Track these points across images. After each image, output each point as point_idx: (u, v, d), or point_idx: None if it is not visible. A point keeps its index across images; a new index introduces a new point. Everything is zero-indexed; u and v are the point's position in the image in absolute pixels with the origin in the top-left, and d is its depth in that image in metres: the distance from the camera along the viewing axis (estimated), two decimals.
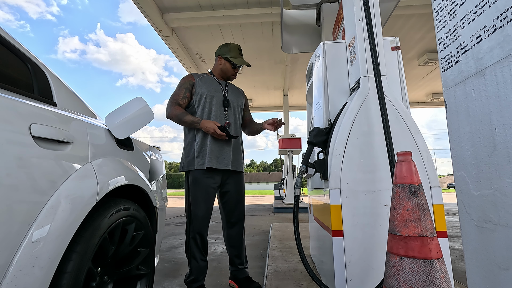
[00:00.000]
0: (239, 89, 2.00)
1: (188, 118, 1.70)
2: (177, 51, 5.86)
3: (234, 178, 1.84)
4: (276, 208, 7.38)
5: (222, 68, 1.86)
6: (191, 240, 1.72)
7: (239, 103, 1.90)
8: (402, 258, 0.82)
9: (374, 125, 1.44)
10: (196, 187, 1.71)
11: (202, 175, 1.71)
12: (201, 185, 1.71)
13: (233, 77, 1.92)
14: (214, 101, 1.78)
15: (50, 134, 0.86)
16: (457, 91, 0.85)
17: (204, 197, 1.71)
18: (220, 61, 1.86)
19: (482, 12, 0.74)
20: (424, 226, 0.83)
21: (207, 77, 1.86)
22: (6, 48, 0.94)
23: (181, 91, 1.77)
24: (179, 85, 1.80)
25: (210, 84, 1.82)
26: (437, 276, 0.78)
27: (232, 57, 1.84)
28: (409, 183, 0.88)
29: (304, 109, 9.78)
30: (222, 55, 1.85)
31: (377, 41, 1.53)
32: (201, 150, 1.72)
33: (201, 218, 1.71)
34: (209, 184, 1.72)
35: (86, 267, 0.90)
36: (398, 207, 0.88)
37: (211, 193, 1.73)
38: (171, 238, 3.85)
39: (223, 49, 1.86)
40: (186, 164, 1.76)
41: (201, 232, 1.72)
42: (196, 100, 1.77)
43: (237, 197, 1.85)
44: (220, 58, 1.86)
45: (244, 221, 1.92)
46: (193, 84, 1.79)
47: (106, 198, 1.09)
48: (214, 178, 1.74)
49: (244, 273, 1.88)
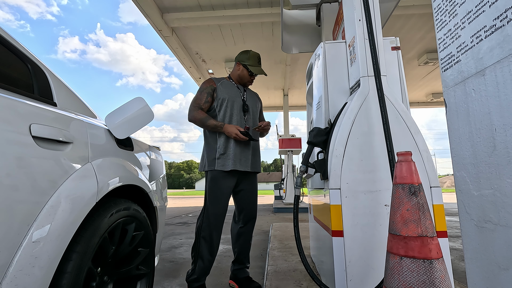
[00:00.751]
0: (255, 93, 2.07)
1: (211, 123, 1.76)
2: (177, 51, 5.86)
3: (250, 179, 1.90)
4: (276, 208, 7.38)
5: (239, 74, 1.92)
6: (202, 239, 1.74)
7: (257, 107, 1.97)
8: (402, 258, 0.82)
9: (374, 125, 1.44)
10: (215, 186, 1.76)
11: (220, 175, 1.76)
12: (219, 184, 1.76)
13: (249, 84, 1.97)
14: (235, 106, 1.84)
15: (50, 134, 0.86)
16: (457, 91, 0.85)
17: (221, 196, 1.76)
18: (238, 67, 1.92)
19: (482, 12, 0.74)
20: (424, 226, 0.83)
21: (227, 82, 1.91)
22: (6, 48, 0.94)
23: (203, 96, 1.83)
24: (201, 89, 1.85)
25: (231, 89, 1.87)
26: (437, 276, 0.78)
27: (250, 65, 1.89)
28: (409, 183, 0.88)
29: (304, 109, 9.78)
30: (241, 62, 1.91)
31: (377, 41, 1.53)
32: (224, 152, 1.77)
33: (217, 216, 1.74)
34: (226, 183, 1.78)
35: (86, 267, 0.90)
36: (398, 207, 0.88)
37: (227, 193, 1.79)
38: (171, 238, 3.85)
39: (243, 56, 1.92)
40: (207, 164, 1.81)
41: (217, 229, 1.75)
42: (218, 105, 1.83)
43: (250, 196, 1.90)
44: (239, 64, 1.92)
45: (256, 220, 1.97)
46: (214, 89, 1.85)
47: (106, 198, 1.09)
48: (232, 178, 1.80)
49: (245, 273, 1.89)
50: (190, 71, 7.04)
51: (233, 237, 1.95)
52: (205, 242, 1.73)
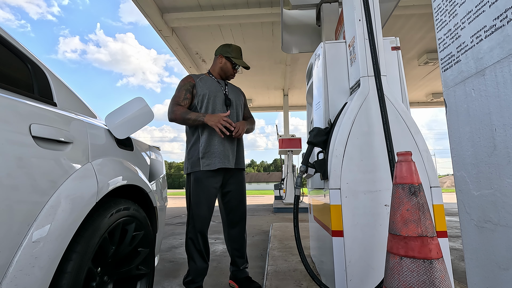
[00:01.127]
0: (237, 87, 2.02)
1: (192, 115, 1.68)
2: (177, 51, 5.86)
3: (236, 177, 1.84)
4: (276, 208, 7.38)
5: (222, 67, 1.87)
6: (189, 240, 1.72)
7: (240, 101, 1.91)
8: (402, 258, 0.82)
9: (374, 125, 1.44)
10: (198, 187, 1.70)
11: (205, 175, 1.71)
12: (203, 185, 1.70)
13: (231, 77, 1.93)
14: (217, 101, 1.78)
15: (50, 134, 0.86)
16: (457, 91, 0.85)
17: (206, 197, 1.70)
18: (220, 60, 1.87)
19: (482, 12, 0.74)
20: (424, 226, 0.83)
21: (206, 78, 1.86)
22: (6, 48, 0.94)
23: (181, 93, 1.77)
24: (179, 87, 1.79)
25: (211, 84, 1.82)
26: (437, 276, 0.78)
27: (234, 57, 1.85)
28: (409, 183, 0.88)
29: (304, 109, 9.78)
30: (224, 54, 1.86)
31: (377, 41, 1.53)
32: (206, 151, 1.71)
33: (202, 219, 1.70)
34: (211, 184, 1.72)
35: (86, 267, 0.90)
36: (398, 207, 0.88)
37: (213, 193, 1.73)
38: (171, 238, 3.85)
39: (225, 48, 1.87)
40: (190, 166, 1.75)
41: (202, 232, 1.71)
42: (199, 101, 1.77)
43: (239, 196, 1.85)
44: (221, 57, 1.87)
45: (246, 220, 1.92)
46: (193, 85, 1.79)
47: (106, 198, 1.09)
48: (216, 178, 1.74)
49: (245, 273, 1.88)
50: (190, 71, 7.04)
51: (226, 241, 1.90)
52: (192, 243, 1.70)
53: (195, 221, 1.70)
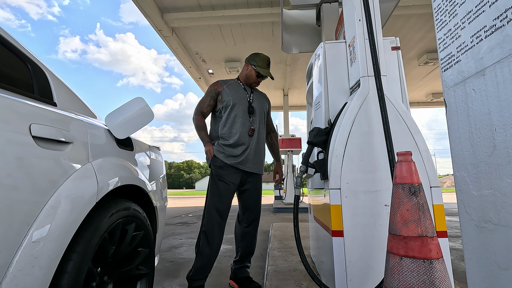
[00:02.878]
0: (263, 94, 2.08)
1: (201, 134, 1.88)
2: (177, 51, 5.86)
3: (255, 178, 1.92)
4: (276, 208, 7.38)
5: (247, 74, 1.94)
6: (203, 234, 1.75)
7: (263, 109, 1.98)
8: (402, 258, 0.82)
9: (374, 125, 1.44)
10: (219, 180, 1.79)
11: (227, 170, 1.79)
12: (224, 179, 1.79)
13: (255, 85, 1.99)
14: (240, 108, 1.86)
15: (50, 134, 0.86)
16: (457, 91, 0.85)
17: (225, 192, 1.78)
18: (247, 67, 1.95)
19: (482, 12, 0.74)
20: (424, 226, 0.83)
21: (234, 84, 1.94)
22: (6, 48, 0.94)
23: (206, 99, 1.89)
24: (206, 92, 1.92)
25: (236, 91, 1.90)
26: (437, 276, 0.77)
27: (259, 66, 1.91)
28: (409, 183, 0.88)
29: (304, 109, 9.78)
30: (250, 62, 1.93)
31: (377, 41, 1.53)
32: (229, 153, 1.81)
33: (220, 213, 1.76)
34: (232, 180, 1.80)
35: (86, 267, 0.90)
36: (398, 207, 0.88)
37: (233, 189, 1.82)
38: (171, 238, 3.85)
39: (253, 57, 1.95)
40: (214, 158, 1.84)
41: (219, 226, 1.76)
42: (223, 107, 1.86)
43: (256, 196, 1.92)
44: (248, 65, 1.94)
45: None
46: (219, 93, 1.89)
47: (106, 198, 1.09)
48: (237, 176, 1.82)
49: (245, 273, 1.89)
50: (190, 71, 7.04)
51: (237, 237, 1.96)
52: (206, 237, 1.73)
53: (213, 214, 1.75)
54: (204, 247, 1.73)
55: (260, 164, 1.91)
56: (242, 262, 1.92)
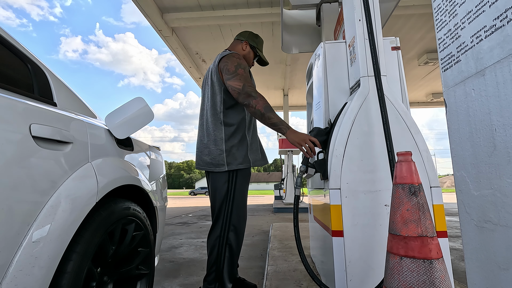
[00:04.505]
0: None
1: (276, 117, 1.43)
2: (177, 51, 5.86)
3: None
4: (276, 208, 7.38)
5: (245, 54, 1.77)
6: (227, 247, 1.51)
7: None
8: (402, 258, 0.82)
9: (374, 125, 1.44)
10: (244, 187, 1.59)
11: (248, 172, 1.63)
12: (246, 184, 1.61)
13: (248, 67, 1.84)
14: None
15: (50, 134, 0.86)
16: (457, 91, 0.85)
17: (246, 198, 1.63)
18: (245, 47, 1.76)
19: (482, 12, 0.74)
20: (424, 226, 0.83)
21: None
22: (6, 48, 0.94)
23: (249, 76, 1.55)
24: (244, 67, 1.53)
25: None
26: (437, 276, 0.77)
27: (259, 50, 1.79)
28: (409, 183, 0.88)
29: (304, 109, 9.78)
30: (250, 42, 1.77)
31: (377, 41, 1.53)
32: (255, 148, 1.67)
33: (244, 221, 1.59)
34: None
35: (86, 267, 0.90)
36: (398, 207, 0.88)
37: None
38: (171, 238, 3.85)
39: (253, 37, 1.78)
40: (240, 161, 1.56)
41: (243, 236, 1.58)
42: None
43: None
44: (247, 44, 1.76)
45: None
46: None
47: (106, 198, 1.09)
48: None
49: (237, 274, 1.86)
50: (190, 71, 7.04)
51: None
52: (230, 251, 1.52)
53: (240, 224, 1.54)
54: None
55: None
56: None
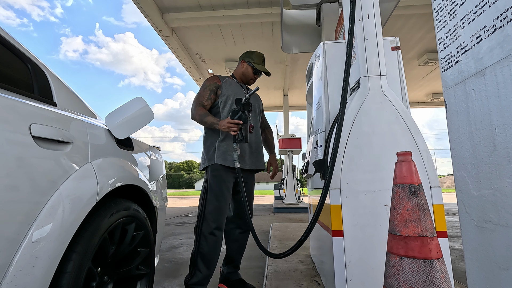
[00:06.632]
0: (257, 94, 2.06)
1: (209, 119, 1.73)
2: (177, 51, 5.86)
3: (249, 178, 1.87)
4: (276, 208, 7.38)
5: (244, 71, 1.93)
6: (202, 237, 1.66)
7: (259, 107, 1.97)
8: (402, 258, 0.82)
9: (374, 125, 1.44)
10: (217, 179, 1.72)
11: (222, 168, 1.73)
12: (222, 178, 1.72)
13: (251, 82, 1.97)
14: None
15: (50, 134, 0.86)
16: (457, 91, 0.85)
17: (223, 191, 1.71)
18: (243, 65, 1.94)
19: (482, 12, 0.74)
20: (424, 226, 0.83)
21: (231, 80, 1.92)
22: (6, 48, 0.94)
23: (205, 93, 1.82)
24: (204, 86, 1.84)
25: (235, 87, 1.88)
26: (437, 276, 0.77)
27: (255, 63, 1.90)
28: (409, 183, 0.88)
29: (304, 109, 9.78)
30: (246, 60, 1.92)
31: (377, 41, 1.53)
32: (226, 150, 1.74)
33: (220, 212, 1.69)
34: (229, 179, 1.74)
35: (86, 267, 0.90)
36: (398, 207, 0.88)
37: (230, 188, 1.75)
38: (171, 238, 3.85)
39: (248, 54, 1.94)
40: (207, 160, 1.78)
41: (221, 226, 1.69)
42: (222, 102, 1.81)
43: (250, 197, 1.87)
44: (244, 62, 1.93)
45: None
46: (219, 86, 1.85)
47: (106, 198, 1.09)
48: (232, 176, 1.77)
49: (238, 275, 1.86)
50: (190, 71, 7.04)
51: (229, 240, 1.89)
52: (206, 241, 1.65)
53: (214, 214, 1.66)
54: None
55: (256, 161, 1.86)
56: (234, 266, 1.87)
